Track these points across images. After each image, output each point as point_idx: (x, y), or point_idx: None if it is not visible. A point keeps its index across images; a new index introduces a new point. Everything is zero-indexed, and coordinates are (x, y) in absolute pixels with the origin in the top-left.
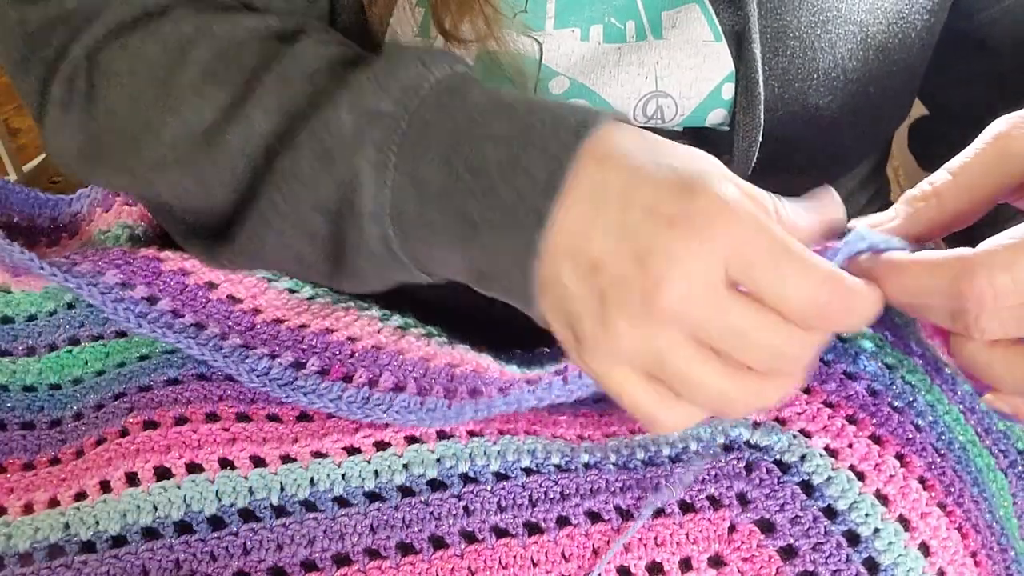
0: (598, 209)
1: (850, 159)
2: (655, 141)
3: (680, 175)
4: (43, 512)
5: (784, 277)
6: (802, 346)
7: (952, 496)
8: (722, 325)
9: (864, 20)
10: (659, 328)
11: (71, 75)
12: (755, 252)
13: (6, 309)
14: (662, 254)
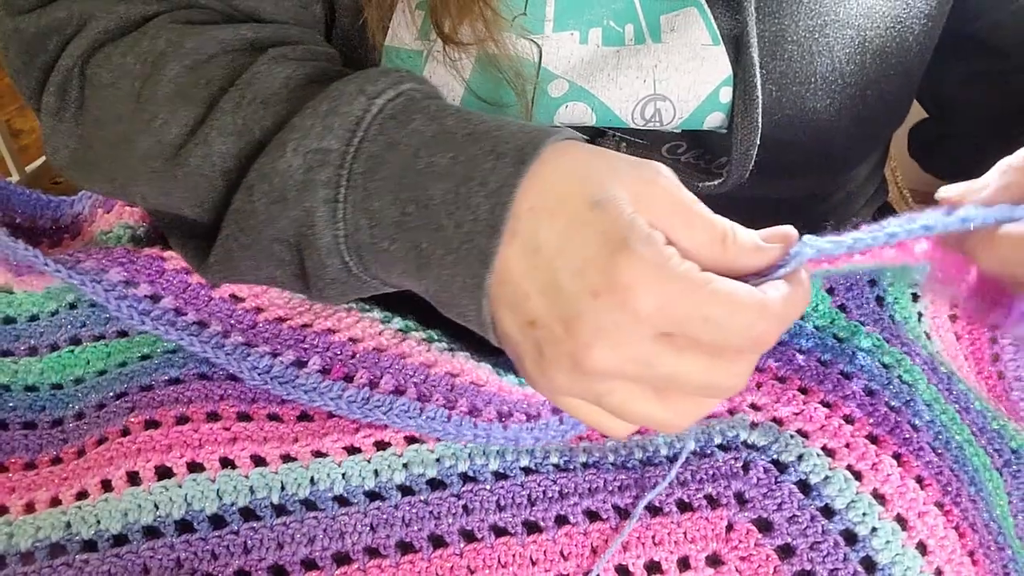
0: (533, 266)
1: (848, 161)
2: (595, 169)
3: (606, 237)
4: (45, 511)
5: (716, 324)
6: (738, 372)
7: (949, 495)
8: (653, 374)
9: (862, 25)
10: (593, 381)
11: (62, 84)
12: (682, 309)
13: (8, 309)
14: (589, 323)
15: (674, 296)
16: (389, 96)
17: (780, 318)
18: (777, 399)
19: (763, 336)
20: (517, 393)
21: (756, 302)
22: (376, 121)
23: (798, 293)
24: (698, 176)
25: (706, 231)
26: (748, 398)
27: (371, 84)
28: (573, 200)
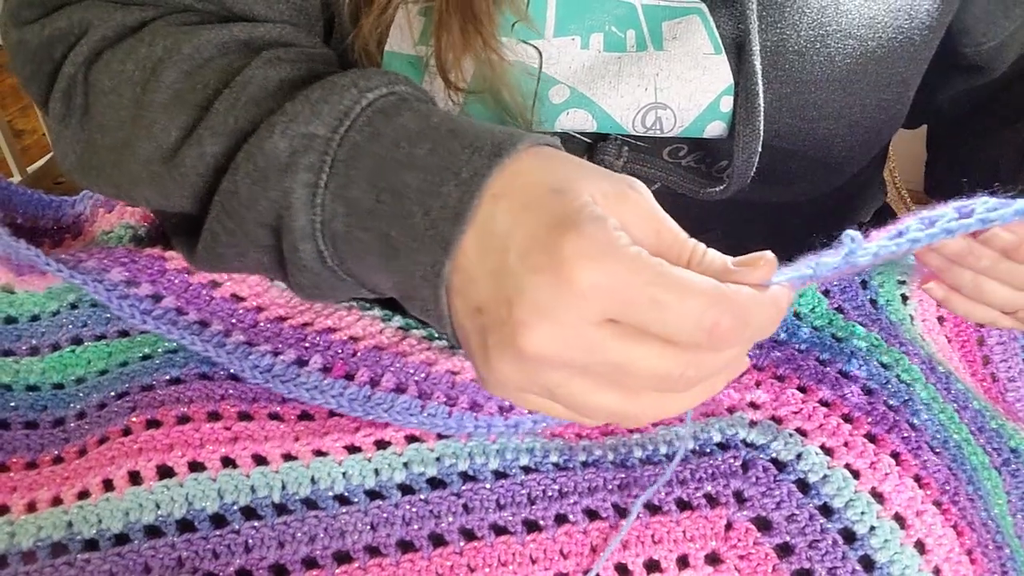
0: (484, 252)
1: (847, 167)
2: (567, 169)
3: (555, 218)
4: (46, 510)
5: (663, 309)
6: (697, 366)
7: (947, 494)
8: (601, 362)
9: (864, 35)
10: (538, 368)
11: (67, 90)
12: (626, 290)
13: (10, 309)
14: (528, 302)
15: (619, 276)
16: (382, 92)
17: (739, 315)
18: (776, 398)
19: (718, 329)
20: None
21: (709, 289)
22: (365, 113)
23: (770, 299)
24: (699, 182)
25: (674, 247)
26: (747, 396)
27: (365, 80)
28: (536, 187)
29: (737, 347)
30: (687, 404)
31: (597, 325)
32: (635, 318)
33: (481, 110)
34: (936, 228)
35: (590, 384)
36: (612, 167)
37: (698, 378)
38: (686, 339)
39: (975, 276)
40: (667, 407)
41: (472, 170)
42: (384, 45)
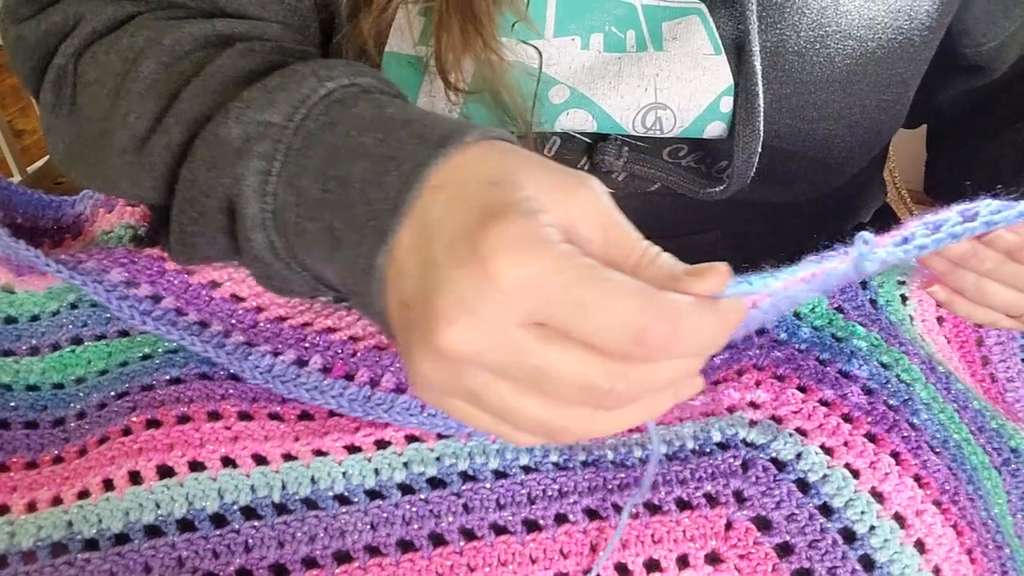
0: (417, 244)
1: (846, 167)
2: (513, 162)
3: (486, 210)
4: (46, 510)
5: (588, 312)
6: (628, 379)
7: (947, 494)
8: (522, 365)
9: (863, 36)
10: (459, 369)
11: (57, 81)
12: (549, 288)
13: (10, 309)
14: (448, 296)
15: (542, 273)
16: (342, 83)
17: (671, 323)
18: (776, 397)
19: (647, 338)
20: None
21: (639, 293)
22: (322, 102)
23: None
24: (699, 182)
25: (622, 247)
26: (747, 396)
27: (327, 70)
28: (474, 179)
29: (677, 360)
30: (623, 422)
31: (521, 325)
32: (559, 320)
33: (481, 110)
34: (942, 233)
35: (514, 390)
36: (612, 167)
37: (630, 393)
38: (613, 346)
39: (978, 279)
40: (600, 424)
41: (415, 160)
42: (383, 46)
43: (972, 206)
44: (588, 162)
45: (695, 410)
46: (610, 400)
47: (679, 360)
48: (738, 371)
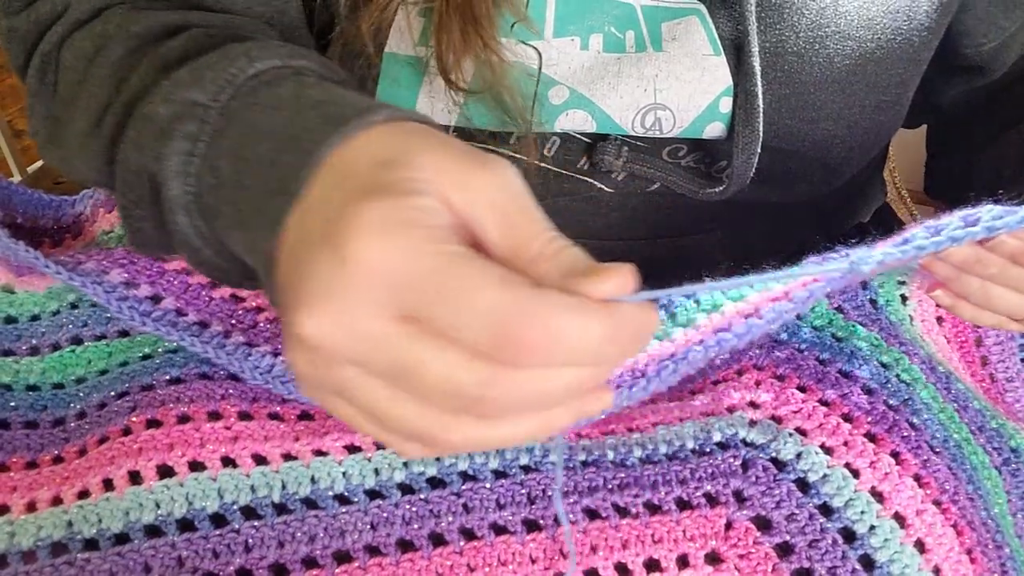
0: (298, 224)
1: (846, 168)
2: (416, 144)
3: (364, 189)
4: (46, 510)
5: (451, 304)
6: (501, 385)
7: (947, 494)
8: (383, 361)
9: (862, 36)
10: (325, 362)
11: (41, 68)
12: (412, 277)
13: (10, 309)
14: (310, 280)
15: (401, 257)
16: (274, 64)
17: (544, 326)
18: (776, 397)
19: (515, 338)
20: None
21: (507, 288)
22: (249, 83)
23: (601, 316)
24: (699, 182)
25: (523, 237)
26: (747, 396)
27: (260, 50)
28: (367, 159)
29: (567, 370)
30: (511, 435)
31: (384, 316)
32: (423, 312)
33: (481, 110)
34: (942, 236)
35: (386, 389)
36: (612, 167)
37: (508, 403)
38: (478, 346)
39: (983, 283)
40: (482, 435)
41: (314, 140)
42: (383, 46)
43: (974, 211)
44: (588, 162)
45: (695, 410)
46: (484, 408)
47: (570, 370)
48: (738, 371)
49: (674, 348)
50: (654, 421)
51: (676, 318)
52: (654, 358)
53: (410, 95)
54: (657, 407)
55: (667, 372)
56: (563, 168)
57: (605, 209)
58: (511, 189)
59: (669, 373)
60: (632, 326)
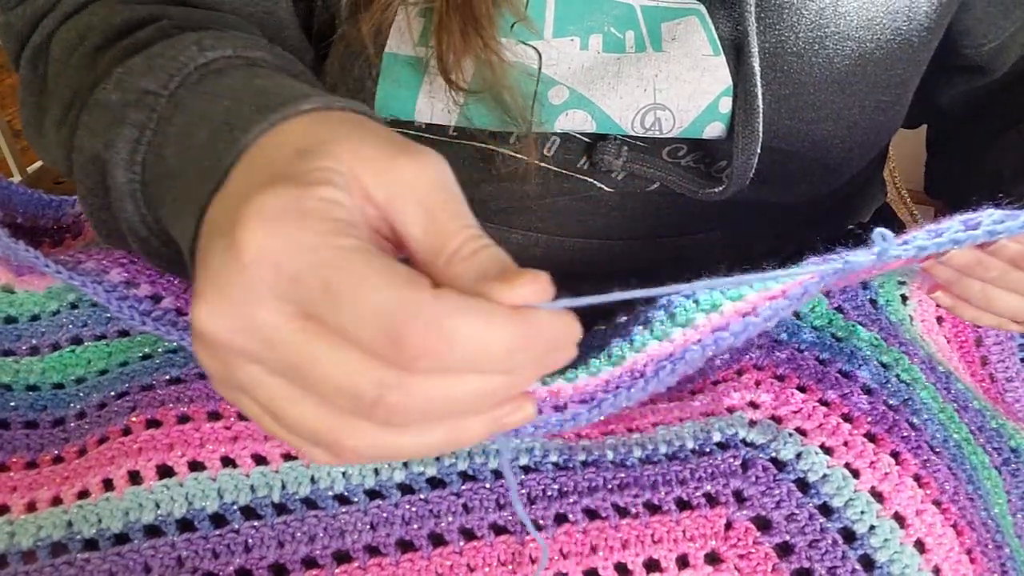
0: (212, 216)
1: (846, 168)
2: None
3: (270, 177)
4: (46, 510)
5: (338, 300)
6: (398, 389)
7: (947, 494)
8: (275, 357)
9: (862, 36)
10: (223, 357)
11: (32, 59)
12: (295, 266)
13: (9, 309)
14: (207, 269)
15: (292, 248)
16: (225, 53)
17: (439, 328)
18: (776, 397)
19: (406, 339)
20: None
21: (401, 286)
22: (198, 72)
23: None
24: (699, 182)
25: (440, 234)
26: (747, 396)
27: (213, 40)
28: (286, 147)
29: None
30: (418, 445)
31: (279, 310)
32: (315, 308)
33: (482, 110)
34: (943, 238)
35: (285, 388)
36: (612, 166)
37: (409, 408)
38: (370, 346)
39: (984, 286)
40: (386, 443)
41: (243, 128)
42: (383, 47)
43: (975, 216)
44: (588, 161)
45: (695, 410)
46: (384, 414)
47: (478, 377)
48: (738, 371)
49: (673, 348)
50: (654, 421)
51: (675, 318)
52: (653, 358)
53: (410, 95)
54: (657, 407)
55: (665, 372)
56: (563, 168)
57: (605, 209)
58: (437, 182)
59: (667, 373)
60: (547, 334)
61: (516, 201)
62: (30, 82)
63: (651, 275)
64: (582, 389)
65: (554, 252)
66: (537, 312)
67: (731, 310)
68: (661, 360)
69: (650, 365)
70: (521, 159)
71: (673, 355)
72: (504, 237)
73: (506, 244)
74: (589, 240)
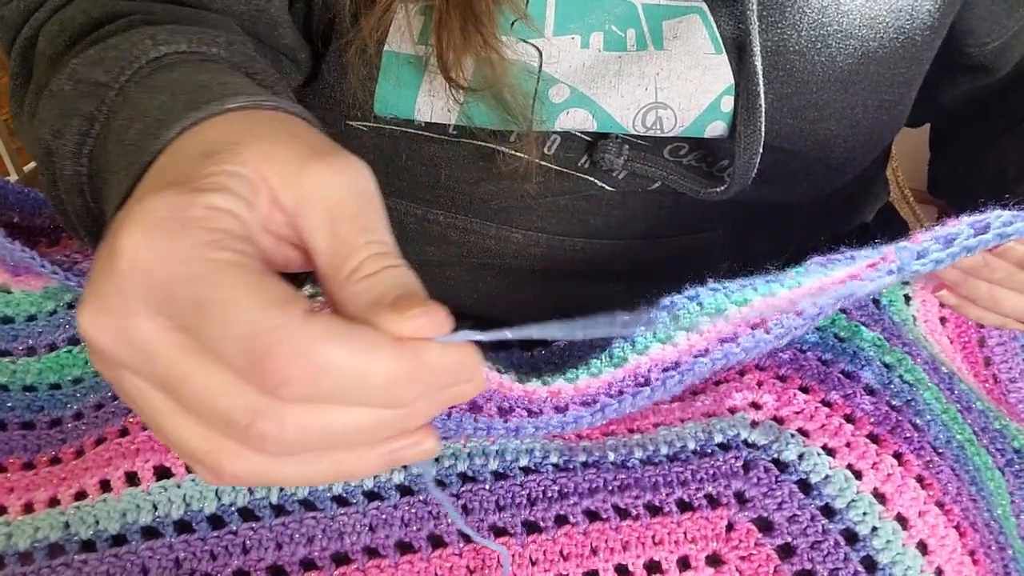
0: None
1: (848, 168)
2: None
3: (166, 181)
4: (43, 511)
5: (205, 317)
6: (273, 418)
7: (950, 495)
8: (155, 371)
9: (865, 35)
10: (105, 364)
11: (23, 52)
12: (169, 280)
13: (6, 309)
14: (92, 272)
15: (165, 257)
16: (179, 48)
17: (305, 356)
18: (778, 398)
19: (269, 365)
20: (518, 390)
21: (268, 308)
22: (149, 65)
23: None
24: (700, 181)
25: (341, 250)
26: (749, 397)
27: (168, 34)
28: (197, 147)
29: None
30: (300, 476)
31: (156, 320)
32: (186, 322)
33: (482, 109)
34: (956, 247)
35: (167, 403)
36: (613, 165)
37: (283, 437)
38: (237, 368)
39: (991, 287)
40: (265, 472)
41: (167, 125)
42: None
43: (982, 218)
44: (589, 160)
45: (696, 411)
46: (258, 441)
47: (362, 410)
48: (740, 371)
49: (677, 352)
50: (655, 422)
51: (679, 321)
52: (656, 363)
53: (410, 93)
54: (658, 408)
55: (673, 382)
56: (564, 166)
57: (606, 208)
58: (350, 191)
59: (675, 383)
60: (437, 369)
61: (516, 200)
62: (17, 75)
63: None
64: (583, 390)
65: (555, 251)
66: (427, 345)
67: (737, 316)
68: (665, 366)
69: (653, 370)
70: (522, 158)
71: (678, 362)
72: (504, 236)
73: (506, 243)
74: (590, 239)
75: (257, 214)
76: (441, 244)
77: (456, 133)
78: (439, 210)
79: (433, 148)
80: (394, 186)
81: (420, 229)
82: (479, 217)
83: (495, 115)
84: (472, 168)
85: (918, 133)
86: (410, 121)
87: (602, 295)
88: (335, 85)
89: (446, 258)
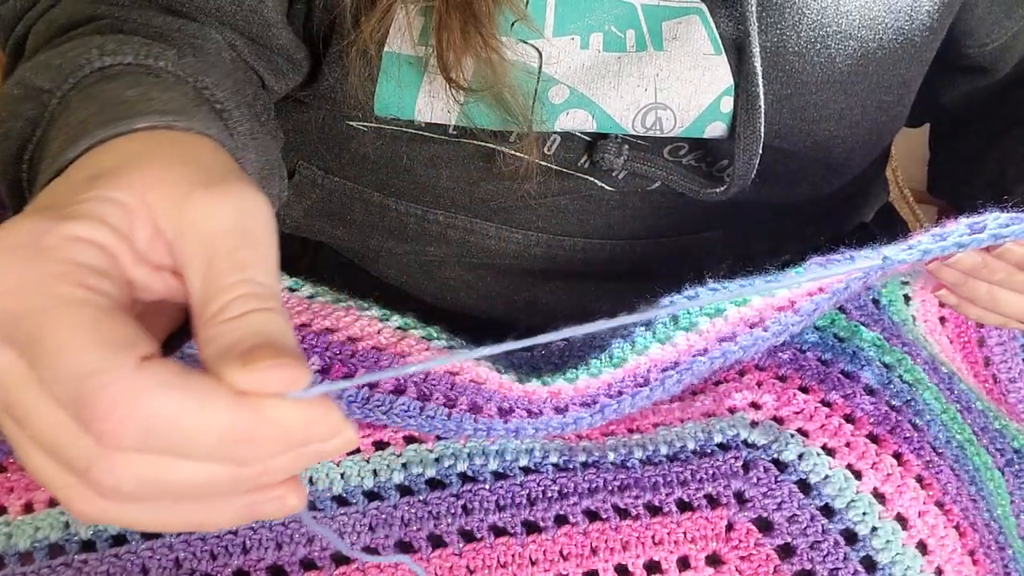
0: None
1: (848, 168)
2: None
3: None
4: (43, 511)
5: (41, 354)
6: (106, 465)
7: (949, 495)
8: (2, 401)
9: (864, 36)
10: None
11: (14, 51)
12: (14, 311)
13: None
14: None
15: (11, 285)
16: (124, 60)
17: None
18: (777, 398)
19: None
20: (518, 390)
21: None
22: (93, 76)
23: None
24: (700, 181)
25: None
26: (748, 397)
27: (117, 44)
28: (87, 169)
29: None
30: (144, 522)
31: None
32: (26, 355)
33: (482, 109)
34: (948, 241)
35: (18, 433)
36: (612, 165)
37: (119, 484)
38: (69, 410)
39: (990, 288)
40: (109, 514)
41: (75, 142)
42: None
43: (980, 219)
44: (588, 160)
45: (696, 411)
46: (96, 485)
47: (202, 464)
48: (740, 371)
49: (676, 353)
50: (655, 422)
51: (678, 321)
52: (656, 363)
53: (410, 94)
54: (658, 408)
55: (671, 382)
56: (564, 167)
57: (605, 208)
58: (232, 223)
59: (673, 383)
60: (283, 427)
61: (516, 200)
62: (9, 72)
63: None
64: (583, 391)
65: (554, 251)
66: (271, 401)
67: (736, 316)
68: (664, 367)
69: (653, 370)
70: (522, 158)
71: (677, 362)
72: (504, 236)
73: (506, 243)
74: (590, 239)
75: (130, 243)
76: (441, 244)
77: (456, 133)
78: (439, 210)
79: (433, 148)
80: (394, 186)
81: (420, 229)
82: (479, 217)
83: (495, 115)
84: (472, 168)
85: (918, 133)
86: (410, 122)
87: (602, 295)
88: (336, 86)
89: (446, 258)
